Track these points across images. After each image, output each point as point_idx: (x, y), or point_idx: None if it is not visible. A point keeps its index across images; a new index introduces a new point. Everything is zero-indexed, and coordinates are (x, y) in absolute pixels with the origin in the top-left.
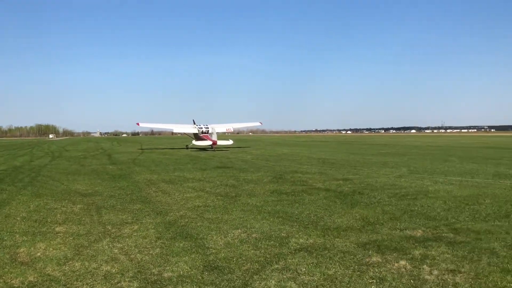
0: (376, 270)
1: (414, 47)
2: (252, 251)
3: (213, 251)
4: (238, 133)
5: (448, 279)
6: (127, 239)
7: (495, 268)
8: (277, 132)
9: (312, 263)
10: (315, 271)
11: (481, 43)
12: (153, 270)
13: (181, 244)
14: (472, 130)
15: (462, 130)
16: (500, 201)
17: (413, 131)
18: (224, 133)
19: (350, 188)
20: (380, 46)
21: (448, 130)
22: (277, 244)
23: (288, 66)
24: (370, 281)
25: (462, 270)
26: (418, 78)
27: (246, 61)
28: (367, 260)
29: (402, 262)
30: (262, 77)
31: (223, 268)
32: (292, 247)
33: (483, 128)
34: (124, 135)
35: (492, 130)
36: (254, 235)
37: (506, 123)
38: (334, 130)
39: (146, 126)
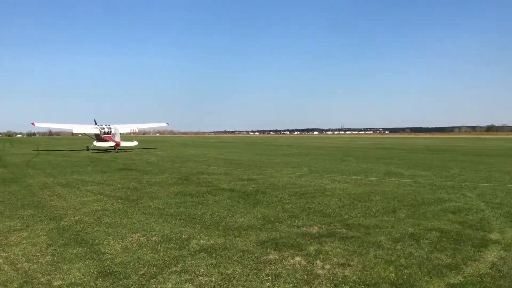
0: (273, 267)
1: (315, 54)
2: (151, 254)
3: (109, 256)
4: (144, 134)
5: (338, 273)
6: (14, 247)
7: (380, 260)
8: (185, 133)
9: (211, 263)
10: (213, 272)
11: (371, 50)
12: (42, 279)
13: (74, 251)
14: (369, 132)
15: (360, 132)
16: (389, 198)
17: (315, 132)
18: (129, 134)
19: (254, 188)
20: (285, 52)
21: (347, 132)
22: (177, 246)
23: (197, 67)
24: (266, 278)
25: (351, 263)
26: (320, 83)
27: (152, 60)
28: (265, 258)
29: (297, 258)
30: (169, 77)
31: (118, 273)
32: (192, 249)
33: (378, 130)
34: (19, 135)
35: (386, 132)
36: (153, 239)
37: (398, 126)
38: (242, 131)
39: (42, 126)
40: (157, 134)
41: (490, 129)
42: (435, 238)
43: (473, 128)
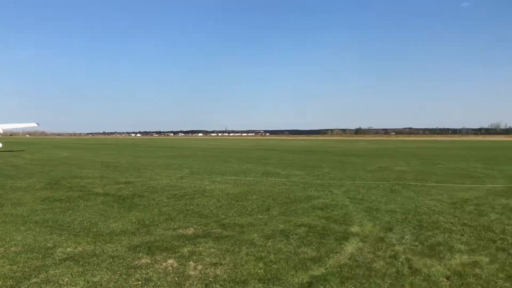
0: (144, 272)
1: (199, 55)
2: (8, 266)
3: None
4: (11, 135)
5: (210, 272)
6: None
7: (251, 257)
8: (59, 135)
9: (78, 272)
10: (79, 280)
11: (254, 54)
12: None
13: None
14: (251, 134)
15: (243, 134)
16: (264, 197)
17: (200, 134)
18: None
19: (131, 191)
20: (168, 52)
21: (231, 134)
22: (40, 256)
23: (73, 62)
24: (136, 283)
25: (223, 262)
26: (207, 84)
27: (21, 55)
28: (136, 262)
29: (170, 261)
30: (39, 75)
31: None
32: (57, 258)
33: (260, 132)
34: None
35: (267, 134)
36: (13, 249)
37: (278, 128)
38: (123, 132)
39: None
40: (27, 136)
41: (358, 131)
42: (303, 233)
43: (344, 131)
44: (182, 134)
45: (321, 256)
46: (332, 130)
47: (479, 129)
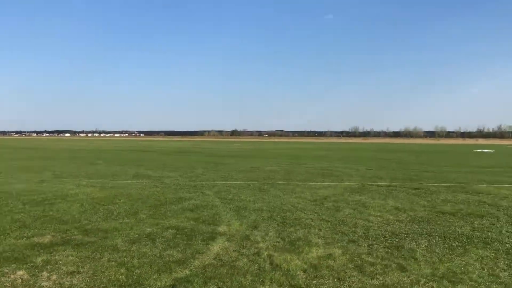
0: None
1: (67, 53)
2: None
3: None
4: None
5: (66, 282)
6: None
7: (113, 263)
8: None
9: None
10: None
11: (115, 53)
12: None
13: None
14: (124, 135)
15: (115, 134)
16: (133, 200)
17: (67, 134)
18: None
19: None
20: (32, 49)
21: (102, 134)
22: None
23: None
24: None
25: (82, 270)
26: (74, 81)
27: None
28: None
29: (20, 272)
30: None
31: None
32: None
33: (134, 133)
34: None
35: (142, 134)
36: None
37: (153, 129)
38: None
39: None
40: None
41: (233, 133)
42: (170, 235)
43: (220, 132)
44: (47, 134)
45: (186, 258)
46: (208, 131)
47: (341, 132)
